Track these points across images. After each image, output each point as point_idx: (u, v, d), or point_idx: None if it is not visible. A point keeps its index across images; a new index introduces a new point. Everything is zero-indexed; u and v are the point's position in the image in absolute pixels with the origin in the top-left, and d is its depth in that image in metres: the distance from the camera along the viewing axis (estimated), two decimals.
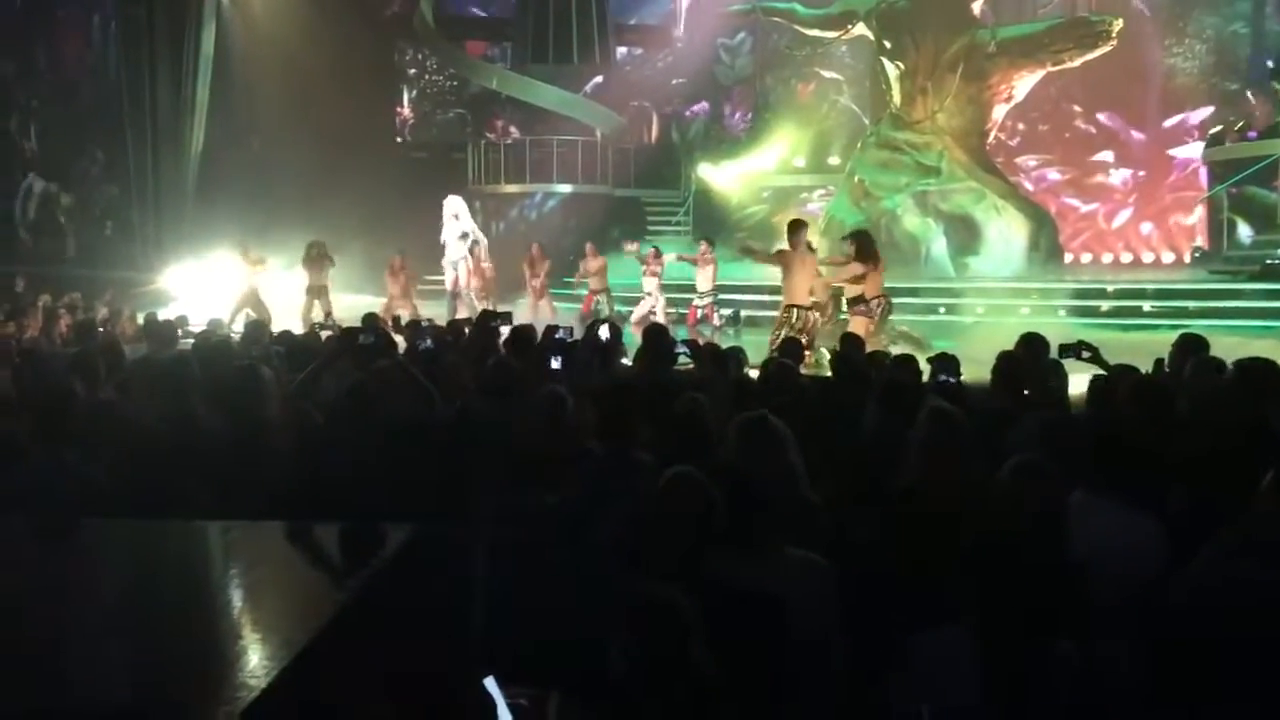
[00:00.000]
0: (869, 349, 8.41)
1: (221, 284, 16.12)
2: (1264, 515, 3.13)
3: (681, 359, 7.16)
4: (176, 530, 3.58)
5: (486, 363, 6.47)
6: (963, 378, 6.29)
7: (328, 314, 14.60)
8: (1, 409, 5.95)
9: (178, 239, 18.69)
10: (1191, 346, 6.10)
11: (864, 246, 11.71)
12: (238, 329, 11.90)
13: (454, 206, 16.04)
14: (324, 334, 9.21)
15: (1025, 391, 5.70)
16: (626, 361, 7.87)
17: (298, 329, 11.93)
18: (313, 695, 2.47)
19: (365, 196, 19.53)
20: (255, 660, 2.46)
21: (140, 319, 13.35)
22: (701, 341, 8.55)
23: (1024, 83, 18.80)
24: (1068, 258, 18.74)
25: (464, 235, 15.64)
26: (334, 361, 5.52)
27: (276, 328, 11.03)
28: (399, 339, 7.83)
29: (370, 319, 10.23)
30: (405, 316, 13.45)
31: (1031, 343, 6.48)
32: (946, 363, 6.27)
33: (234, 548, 3.47)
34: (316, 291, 15.65)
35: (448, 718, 2.70)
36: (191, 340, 9.13)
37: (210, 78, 19.77)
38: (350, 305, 14.76)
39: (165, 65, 18.97)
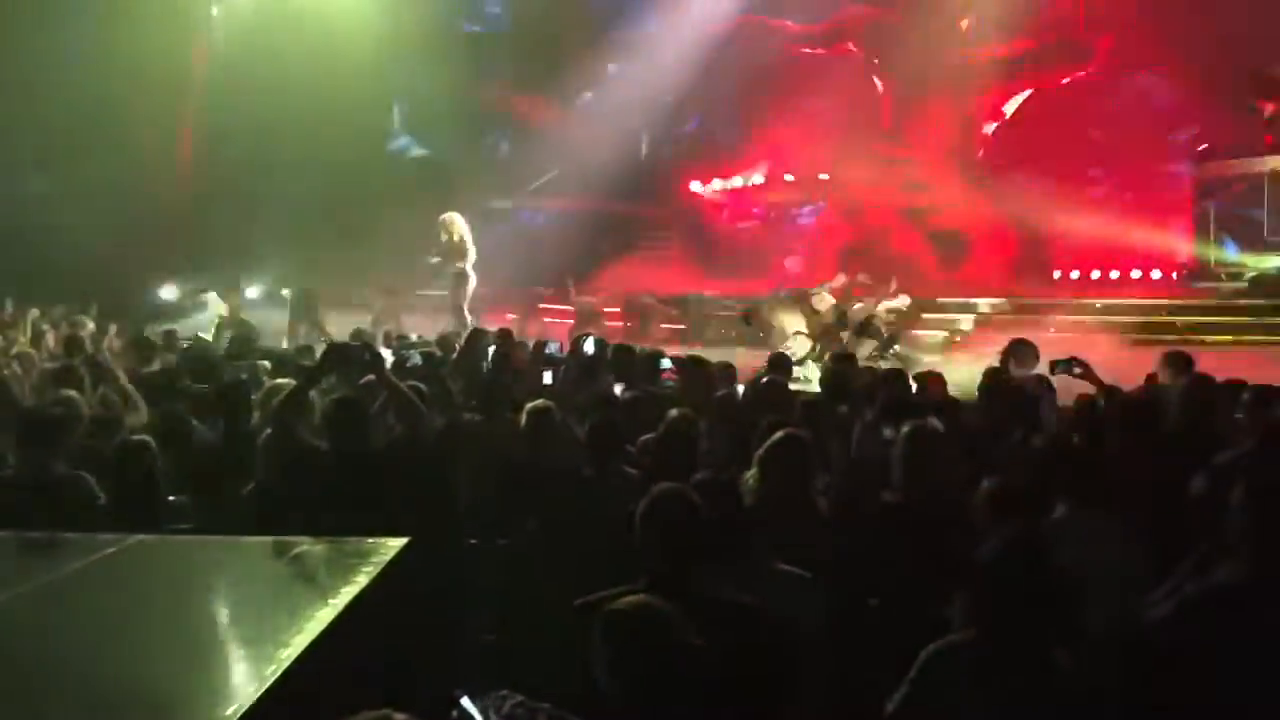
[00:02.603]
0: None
1: (210, 300, 16.11)
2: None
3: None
4: (167, 545, 3.57)
5: (477, 378, 6.49)
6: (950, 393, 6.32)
7: (317, 327, 14.57)
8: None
9: (167, 253, 18.67)
10: (1178, 363, 6.12)
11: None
12: (224, 345, 11.87)
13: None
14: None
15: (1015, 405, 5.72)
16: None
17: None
18: (301, 709, 2.46)
19: (355, 209, 19.51)
20: (244, 674, 2.45)
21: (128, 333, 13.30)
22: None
23: (1013, 99, 18.89)
24: (1056, 274, 18.79)
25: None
26: (321, 377, 5.51)
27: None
28: (387, 353, 7.82)
29: (358, 334, 10.24)
30: (393, 331, 13.45)
31: (1020, 353, 6.48)
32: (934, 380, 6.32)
33: (223, 563, 3.46)
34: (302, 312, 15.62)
35: None
36: (176, 356, 9.13)
37: (200, 90, 19.82)
38: (338, 320, 14.74)
39: (157, 76, 18.99)
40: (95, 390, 6.70)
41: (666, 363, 7.71)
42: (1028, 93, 18.99)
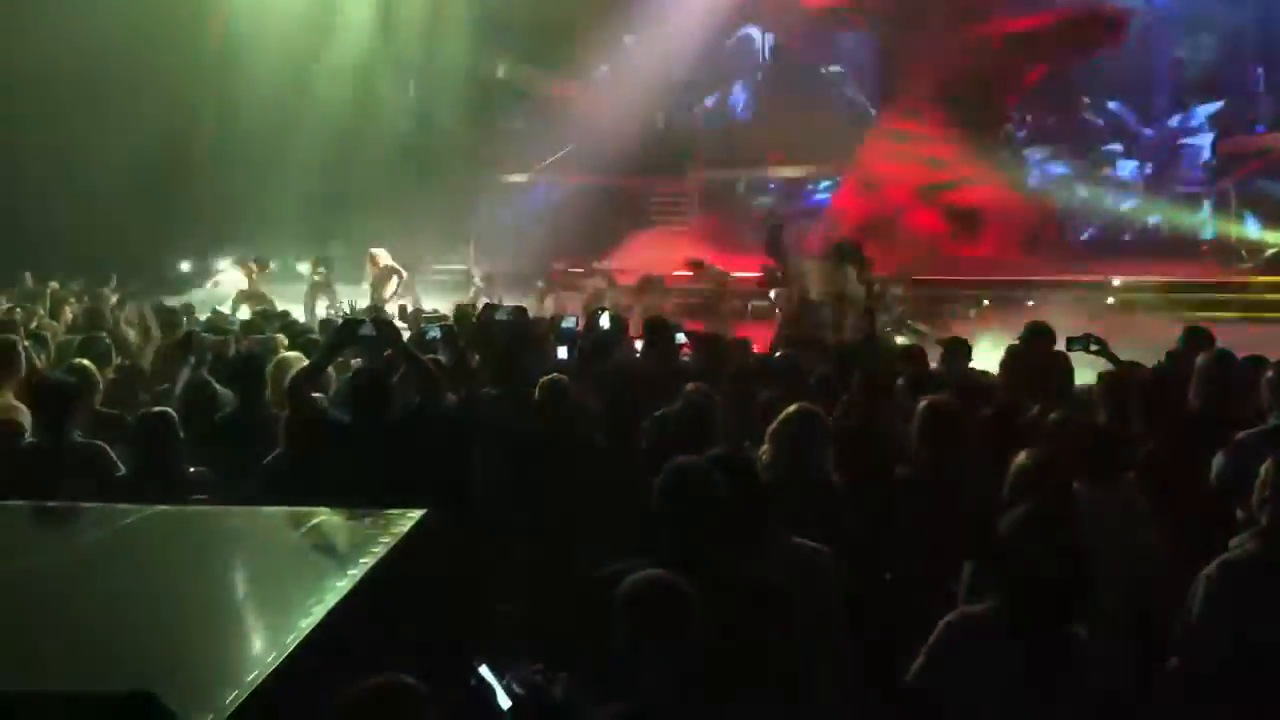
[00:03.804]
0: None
1: (228, 274, 16.21)
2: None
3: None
4: (186, 515, 3.60)
5: (493, 352, 6.50)
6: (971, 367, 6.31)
7: (339, 301, 14.64)
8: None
9: (188, 226, 18.77)
10: (1198, 340, 6.08)
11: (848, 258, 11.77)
12: (243, 317, 11.91)
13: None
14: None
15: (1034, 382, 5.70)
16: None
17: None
18: (320, 677, 2.48)
19: (370, 185, 19.51)
20: (263, 642, 2.47)
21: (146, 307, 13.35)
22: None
23: (1032, 74, 18.75)
24: (1074, 250, 18.69)
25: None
26: (339, 351, 5.53)
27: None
28: (403, 327, 7.83)
29: (375, 309, 10.27)
30: (409, 305, 13.46)
31: (1037, 333, 6.44)
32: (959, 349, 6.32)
33: (242, 532, 3.49)
34: (320, 283, 15.71)
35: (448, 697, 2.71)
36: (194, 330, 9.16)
37: (219, 65, 19.84)
38: (352, 295, 14.79)
39: (177, 52, 19.04)
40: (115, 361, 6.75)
41: (681, 337, 7.69)
42: (1049, 67, 18.84)
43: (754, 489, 3.51)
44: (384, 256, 15.58)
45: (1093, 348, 6.06)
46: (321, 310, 14.43)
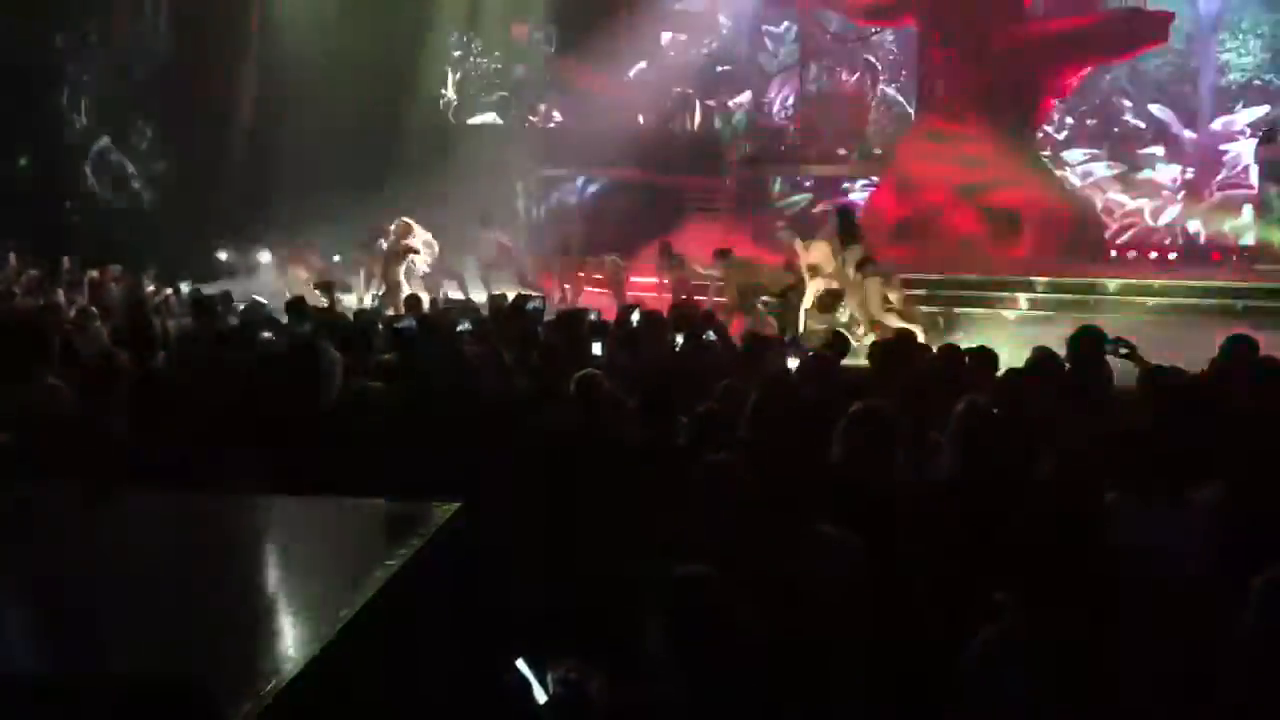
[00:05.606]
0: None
1: (267, 262, 16.37)
2: None
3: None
4: (226, 503, 3.63)
5: (529, 345, 6.52)
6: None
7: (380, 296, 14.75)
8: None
9: (226, 215, 18.93)
10: (1242, 347, 5.98)
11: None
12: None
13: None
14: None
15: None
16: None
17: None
18: (357, 667, 2.50)
19: (407, 179, 19.60)
20: (302, 633, 2.49)
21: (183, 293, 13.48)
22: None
23: (1073, 76, 18.56)
24: (1112, 254, 18.49)
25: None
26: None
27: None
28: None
29: (413, 301, 10.34)
30: (439, 299, 13.47)
31: (1086, 337, 6.32)
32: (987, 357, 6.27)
33: (282, 522, 3.51)
34: (366, 275, 15.83)
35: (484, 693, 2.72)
36: (235, 319, 9.24)
37: (258, 56, 20.02)
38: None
39: (216, 42, 19.22)
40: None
41: (711, 335, 7.68)
42: (1089, 68, 18.64)
43: (784, 480, 3.49)
44: (415, 235, 15.48)
45: (1122, 351, 5.97)
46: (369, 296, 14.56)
